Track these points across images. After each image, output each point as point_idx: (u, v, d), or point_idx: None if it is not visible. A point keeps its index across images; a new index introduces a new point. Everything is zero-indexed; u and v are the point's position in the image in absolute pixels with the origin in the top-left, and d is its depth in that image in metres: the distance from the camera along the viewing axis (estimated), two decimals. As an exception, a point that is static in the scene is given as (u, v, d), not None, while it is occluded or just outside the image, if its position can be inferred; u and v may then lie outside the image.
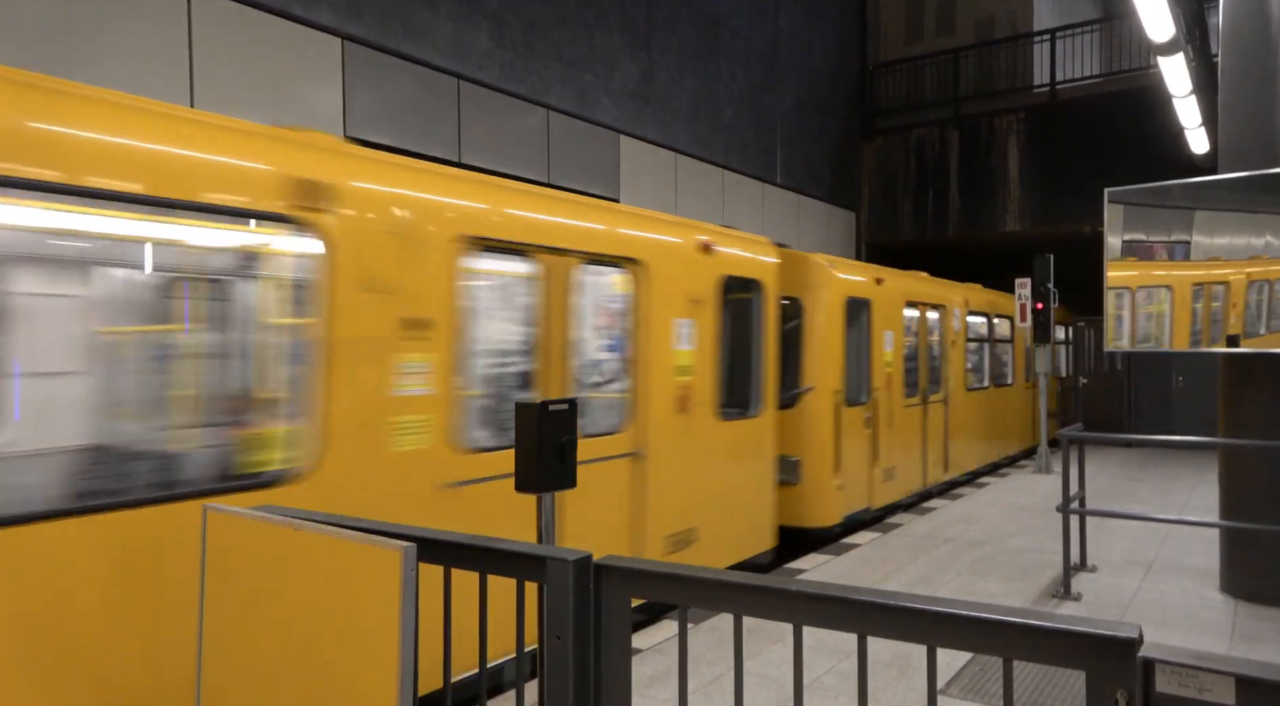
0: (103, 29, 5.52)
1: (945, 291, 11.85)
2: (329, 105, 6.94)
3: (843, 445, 8.71)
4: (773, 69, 13.51)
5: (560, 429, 3.52)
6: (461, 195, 4.66)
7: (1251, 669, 1.51)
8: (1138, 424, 16.72)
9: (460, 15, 8.18)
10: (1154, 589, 6.56)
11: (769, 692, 4.54)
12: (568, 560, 2.13)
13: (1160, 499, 10.30)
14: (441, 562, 2.42)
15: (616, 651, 2.18)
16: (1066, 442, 6.58)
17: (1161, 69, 8.34)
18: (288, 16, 6.62)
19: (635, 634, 5.39)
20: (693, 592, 2.15)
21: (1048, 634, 1.70)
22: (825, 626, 1.98)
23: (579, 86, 9.66)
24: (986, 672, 4.77)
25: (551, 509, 3.66)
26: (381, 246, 4.12)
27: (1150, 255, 6.57)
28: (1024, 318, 12.43)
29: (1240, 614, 5.95)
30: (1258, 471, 6.17)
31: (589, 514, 5.28)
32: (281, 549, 2.42)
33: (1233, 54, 6.27)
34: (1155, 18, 6.89)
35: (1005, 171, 14.78)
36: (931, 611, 1.82)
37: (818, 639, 4.94)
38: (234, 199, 3.59)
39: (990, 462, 13.43)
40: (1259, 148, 6.03)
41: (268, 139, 3.84)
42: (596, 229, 5.55)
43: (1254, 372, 6.18)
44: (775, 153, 13.62)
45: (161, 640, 3.30)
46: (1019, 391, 14.91)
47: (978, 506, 10.01)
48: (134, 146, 3.33)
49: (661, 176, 10.92)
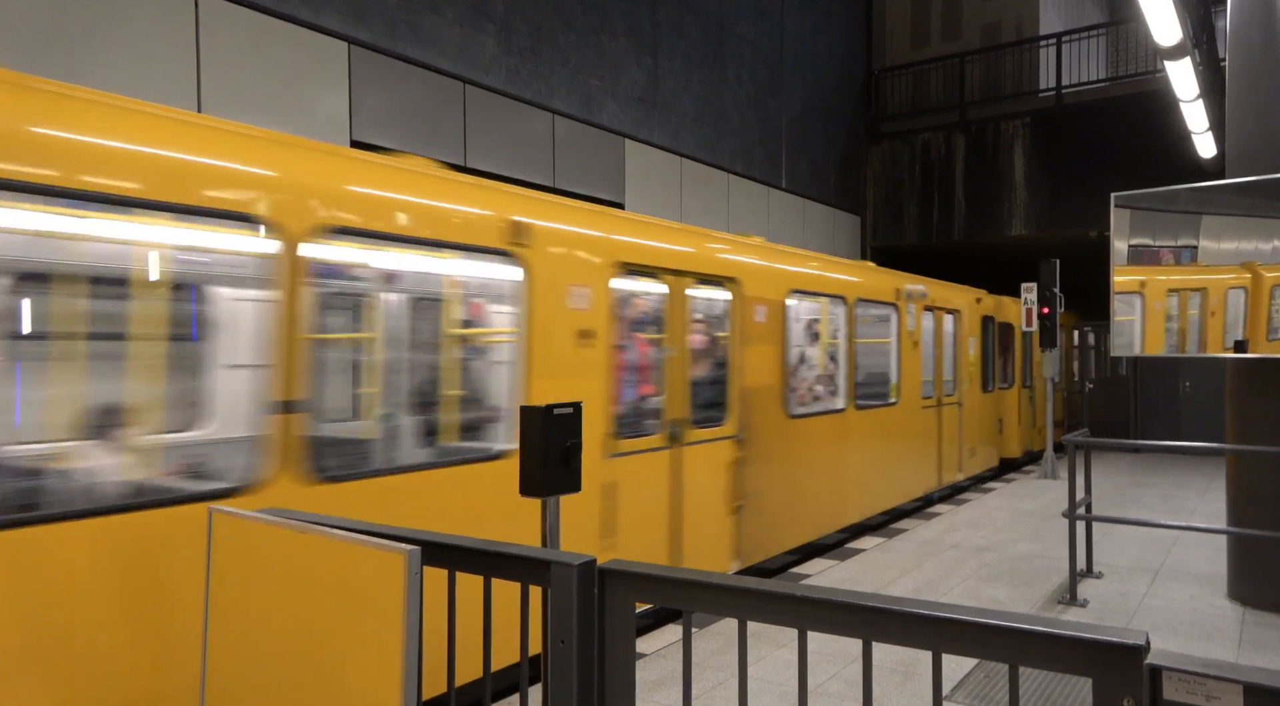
0: (110, 32, 5.55)
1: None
2: (336, 109, 6.96)
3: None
4: (778, 74, 13.52)
5: (565, 433, 3.51)
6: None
7: (1259, 676, 1.50)
8: (1144, 429, 16.65)
9: (467, 20, 8.20)
10: (1161, 595, 6.53)
11: (773, 698, 4.53)
12: (572, 564, 2.13)
13: (1167, 505, 10.26)
14: (446, 566, 2.42)
15: (620, 656, 2.18)
16: (1073, 448, 6.56)
17: (1168, 73, 8.32)
18: (295, 21, 6.64)
19: (639, 638, 5.37)
20: (697, 597, 2.14)
21: (1054, 640, 1.69)
22: (830, 632, 1.97)
23: (585, 91, 9.68)
24: (992, 679, 4.75)
25: (556, 513, 3.65)
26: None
27: (1156, 260, 6.55)
28: (1030, 322, 12.41)
29: (1248, 621, 5.91)
30: (1266, 477, 6.13)
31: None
32: (286, 551, 2.42)
33: (1240, 58, 6.25)
34: (1162, 22, 6.88)
35: (1011, 176, 14.75)
36: (937, 617, 1.81)
37: (822, 644, 4.92)
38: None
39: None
40: (1267, 152, 6.01)
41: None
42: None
43: (1262, 377, 6.15)
44: (780, 157, 13.62)
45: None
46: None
47: (984, 512, 9.98)
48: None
49: (667, 181, 10.93)
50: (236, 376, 4.80)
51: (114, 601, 3.17)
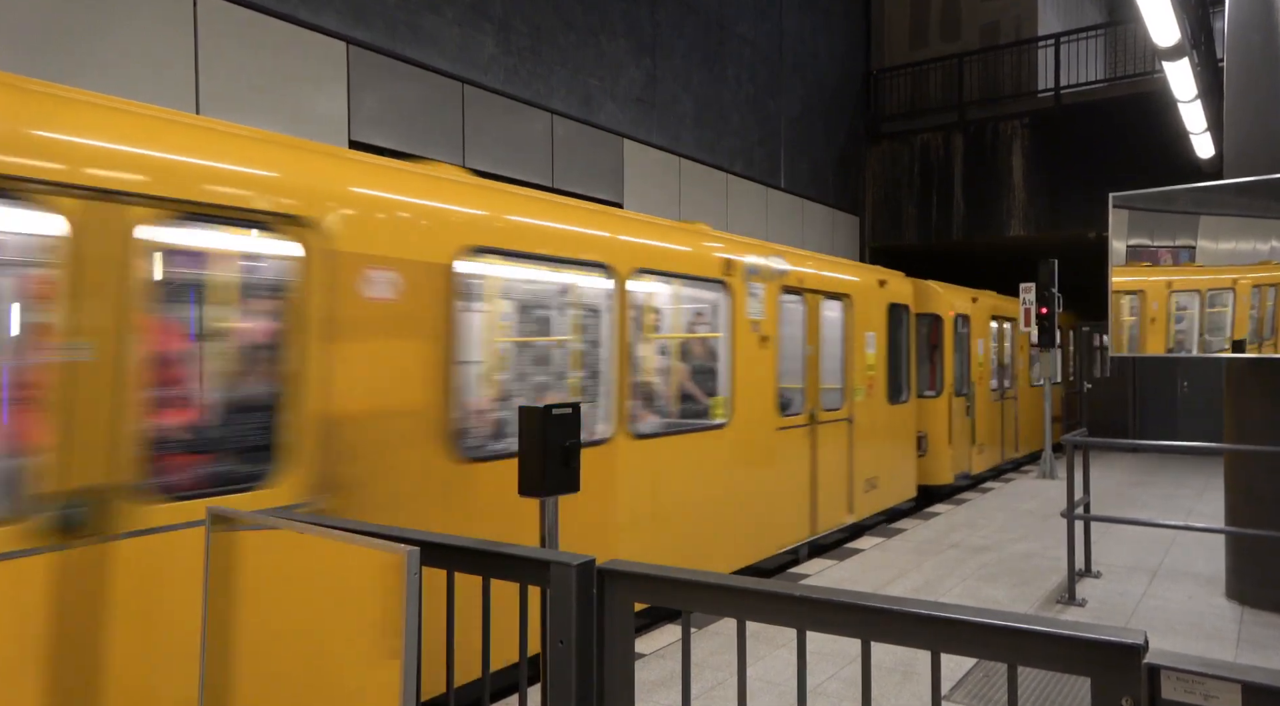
0: (108, 33, 5.54)
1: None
2: (334, 109, 6.96)
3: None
4: (777, 74, 13.53)
5: (564, 433, 3.51)
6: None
7: (1257, 675, 1.50)
8: (1143, 429, 16.67)
9: (466, 20, 8.20)
10: (1159, 595, 6.53)
11: (772, 698, 4.53)
12: (571, 564, 2.13)
13: (1166, 504, 10.27)
14: (445, 566, 2.42)
15: (619, 656, 2.18)
16: (1071, 448, 6.56)
17: (1166, 74, 8.33)
18: (293, 21, 6.64)
19: (638, 638, 5.38)
20: (696, 597, 2.14)
21: (1052, 640, 1.69)
22: (829, 631, 1.97)
23: (584, 91, 9.68)
24: (991, 679, 4.76)
25: (555, 512, 3.64)
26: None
27: (1155, 260, 6.56)
28: (1028, 322, 12.42)
29: (1246, 620, 5.92)
30: (1264, 477, 6.14)
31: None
32: (285, 552, 2.42)
33: (1238, 58, 6.26)
34: (1160, 22, 6.88)
35: (1010, 176, 14.76)
36: (935, 617, 1.81)
37: (821, 644, 4.93)
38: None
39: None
40: (1265, 152, 6.01)
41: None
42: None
43: (1260, 377, 6.15)
44: (779, 157, 13.63)
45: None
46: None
47: (982, 512, 9.99)
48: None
49: (665, 181, 10.93)
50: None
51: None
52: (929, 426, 11.32)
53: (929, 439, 11.32)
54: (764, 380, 7.31)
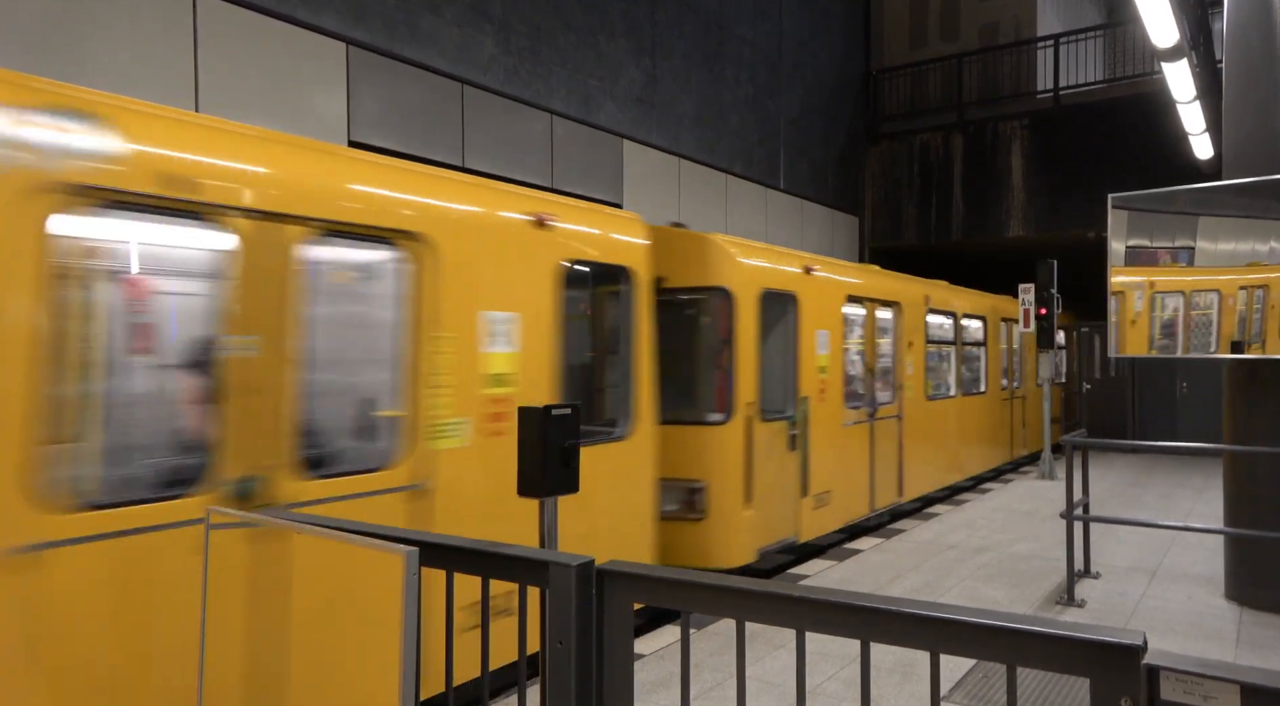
0: (106, 32, 5.54)
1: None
2: (333, 110, 6.96)
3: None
4: (777, 74, 13.53)
5: (564, 433, 3.51)
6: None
7: (1256, 676, 1.50)
8: (1142, 430, 16.68)
9: (465, 20, 8.20)
10: (1158, 596, 6.54)
11: (771, 698, 4.53)
12: (570, 565, 2.13)
13: (1165, 505, 10.27)
14: (444, 566, 2.42)
15: (618, 656, 2.18)
16: (1070, 449, 6.57)
17: (1165, 74, 8.33)
18: (293, 21, 6.64)
19: (637, 639, 5.38)
20: (695, 598, 2.14)
21: (1051, 640, 1.69)
22: (828, 632, 1.97)
23: (584, 91, 9.68)
24: (990, 679, 4.76)
25: (554, 513, 3.64)
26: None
27: (1154, 260, 6.56)
28: (1027, 323, 12.43)
29: (1245, 621, 5.92)
30: (1263, 478, 6.14)
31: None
32: (284, 552, 2.42)
33: (1237, 59, 6.26)
34: (1160, 23, 6.89)
35: (1009, 177, 14.77)
36: (935, 617, 1.81)
37: (820, 645, 4.93)
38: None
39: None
40: (1263, 153, 6.02)
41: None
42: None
43: (1260, 378, 6.16)
44: (779, 158, 13.63)
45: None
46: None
47: (981, 512, 9.99)
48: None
49: (665, 181, 10.94)
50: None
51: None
52: (706, 471, 6.94)
53: (706, 492, 6.90)
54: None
